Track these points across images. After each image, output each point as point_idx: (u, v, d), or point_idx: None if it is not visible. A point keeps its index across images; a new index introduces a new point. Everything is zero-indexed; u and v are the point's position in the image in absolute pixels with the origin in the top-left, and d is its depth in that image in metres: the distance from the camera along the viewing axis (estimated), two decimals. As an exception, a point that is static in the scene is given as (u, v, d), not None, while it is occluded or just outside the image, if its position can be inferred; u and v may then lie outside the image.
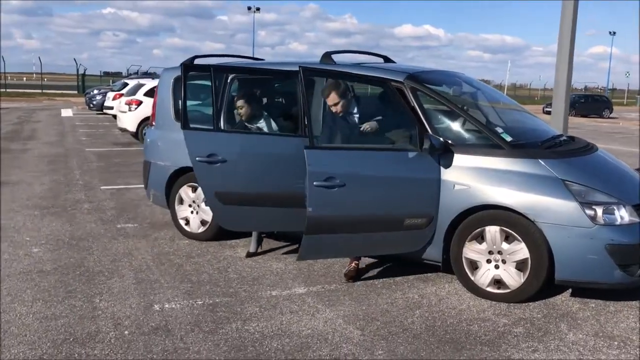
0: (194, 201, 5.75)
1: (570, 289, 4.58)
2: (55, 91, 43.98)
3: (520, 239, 4.24)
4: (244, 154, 4.77)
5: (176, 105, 5.88)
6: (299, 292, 4.48)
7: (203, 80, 6.26)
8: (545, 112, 29.23)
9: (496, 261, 4.37)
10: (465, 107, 4.85)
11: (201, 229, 5.73)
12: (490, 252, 4.38)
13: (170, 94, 5.91)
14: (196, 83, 6.37)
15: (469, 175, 4.40)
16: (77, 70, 45.49)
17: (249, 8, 59.22)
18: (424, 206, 4.47)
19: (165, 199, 5.92)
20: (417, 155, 4.41)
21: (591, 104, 36.88)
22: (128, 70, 48.52)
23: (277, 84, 5.92)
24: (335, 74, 4.76)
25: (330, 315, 4.07)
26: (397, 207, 4.43)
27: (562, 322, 4.05)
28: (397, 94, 4.62)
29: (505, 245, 4.32)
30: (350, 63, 5.37)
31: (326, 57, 5.13)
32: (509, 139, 4.47)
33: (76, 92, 43.26)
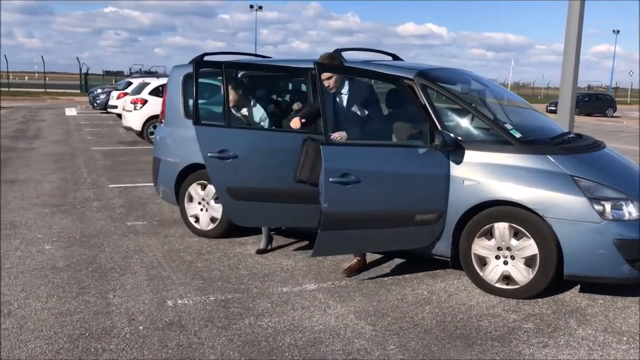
0: (203, 198, 5.79)
1: (578, 285, 4.61)
2: (58, 90, 44.07)
3: (529, 235, 4.27)
4: (255, 150, 4.81)
5: (186, 103, 5.93)
6: (310, 289, 4.53)
7: (210, 79, 6.32)
8: (548, 111, 29.23)
9: (505, 257, 4.40)
10: (474, 104, 4.88)
11: (211, 227, 5.77)
12: (499, 248, 4.42)
13: (180, 92, 5.96)
14: (203, 82, 6.41)
15: (478, 171, 4.43)
16: (80, 69, 45.64)
17: (252, 6, 59.32)
18: (434, 202, 4.51)
19: (175, 195, 5.97)
20: (428, 152, 4.45)
21: (595, 102, 36.84)
22: (130, 69, 48.59)
23: (287, 81, 5.96)
24: (348, 70, 4.80)
25: (341, 311, 4.11)
26: (409, 203, 4.47)
27: (571, 318, 4.08)
28: (408, 90, 4.66)
29: (514, 242, 4.35)
30: (359, 60, 5.41)
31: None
32: (518, 135, 4.50)
33: (79, 91, 43.37)
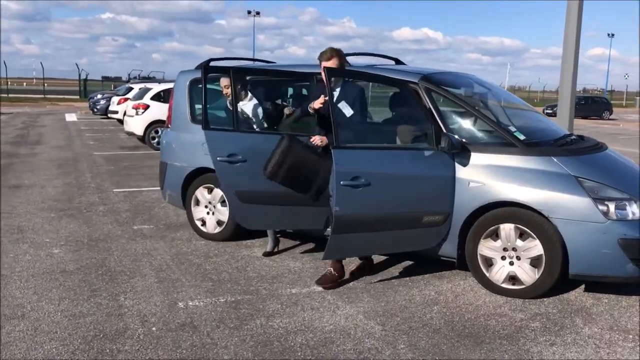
0: (210, 202, 5.84)
1: (583, 285, 4.68)
2: (57, 96, 44.09)
3: (534, 235, 4.33)
4: (263, 154, 4.85)
5: (192, 108, 5.99)
6: (318, 290, 4.58)
7: (216, 84, 6.38)
8: (545, 114, 29.33)
9: (511, 258, 4.47)
10: (478, 107, 4.95)
11: (217, 230, 5.82)
12: (504, 249, 4.48)
13: (186, 97, 6.02)
14: (209, 87, 6.47)
15: (484, 172, 4.50)
16: (79, 75, 45.70)
17: (249, 12, 59.54)
18: (441, 203, 4.57)
19: (182, 199, 6.02)
20: (435, 154, 4.52)
21: (591, 105, 37.01)
22: (129, 74, 48.66)
23: (294, 85, 6.04)
24: (356, 74, 4.88)
25: (350, 311, 4.17)
26: (417, 205, 4.53)
27: (577, 317, 4.14)
28: (413, 94, 4.73)
29: (519, 242, 4.41)
30: (364, 65, 5.48)
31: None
32: (522, 137, 4.58)
33: (78, 97, 43.39)
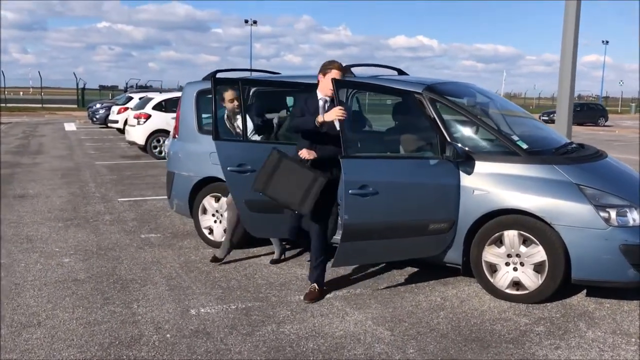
0: (217, 211, 5.94)
1: (585, 290, 4.78)
2: (55, 105, 44.15)
3: (537, 242, 4.44)
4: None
5: (199, 118, 6.09)
6: (327, 297, 4.67)
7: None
8: (541, 121, 29.50)
9: (514, 264, 4.57)
10: (481, 117, 5.07)
11: (224, 238, 5.90)
12: (508, 255, 4.58)
13: (193, 107, 6.12)
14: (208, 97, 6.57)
15: (488, 181, 4.61)
16: (77, 84, 45.79)
17: (246, 21, 59.80)
18: (446, 211, 4.67)
19: (189, 208, 6.11)
20: (440, 163, 4.63)
21: (587, 112, 37.25)
22: (127, 83, 48.83)
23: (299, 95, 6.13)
24: (362, 85, 5.00)
25: (359, 317, 4.26)
26: (423, 213, 4.64)
27: (581, 321, 4.25)
28: (418, 104, 4.86)
29: (523, 249, 4.52)
30: (368, 75, 5.60)
31: (346, 70, 5.35)
32: (524, 146, 4.70)
33: (76, 106, 43.45)
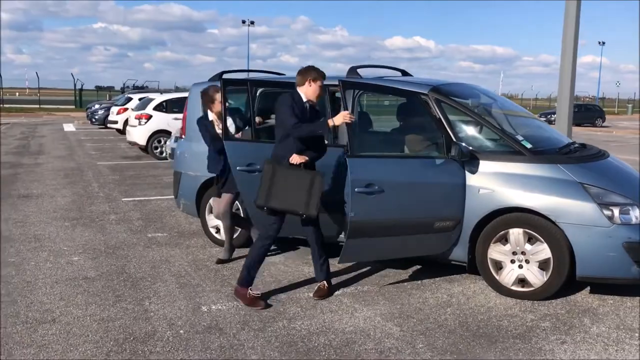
0: (224, 210, 5.99)
1: (588, 287, 4.87)
2: (53, 106, 44.11)
3: (542, 240, 4.53)
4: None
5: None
6: (335, 294, 4.74)
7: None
8: (540, 121, 29.60)
9: (520, 261, 4.65)
10: (486, 117, 5.16)
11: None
12: (514, 253, 4.66)
13: (200, 108, 6.17)
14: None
15: (493, 180, 4.69)
16: (75, 85, 45.81)
17: (244, 21, 59.80)
18: (451, 209, 4.75)
19: (196, 208, 6.17)
20: (445, 162, 4.72)
21: (584, 113, 37.38)
22: (124, 84, 48.81)
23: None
24: (369, 86, 5.09)
25: (368, 313, 4.34)
26: (428, 211, 4.72)
27: (585, 317, 4.33)
28: (424, 104, 4.94)
29: (528, 246, 4.60)
30: (372, 77, 5.68)
31: (352, 72, 5.44)
32: (529, 145, 4.78)
33: (74, 107, 43.43)
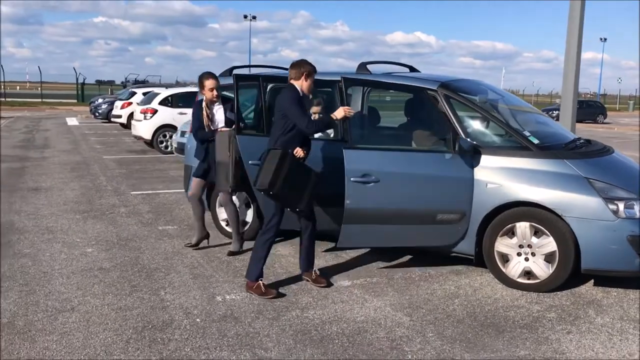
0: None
1: (592, 279, 4.98)
2: (55, 100, 44.19)
3: (548, 233, 4.64)
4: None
5: (217, 113, 6.24)
6: (345, 285, 4.86)
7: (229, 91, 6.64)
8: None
9: (526, 254, 4.76)
10: (493, 113, 5.25)
11: (242, 230, 6.08)
12: (520, 246, 4.78)
13: (211, 103, 6.27)
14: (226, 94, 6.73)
15: (500, 174, 4.80)
16: (77, 79, 45.87)
17: (245, 16, 59.77)
18: (455, 203, 4.88)
19: (207, 201, 6.27)
20: (446, 156, 4.87)
21: (585, 109, 37.39)
22: (126, 78, 48.94)
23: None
24: (377, 83, 5.20)
25: (378, 304, 4.45)
26: (429, 202, 4.90)
27: (590, 308, 4.44)
28: (432, 100, 5.05)
29: (534, 240, 4.71)
30: (381, 73, 5.78)
31: (362, 68, 5.54)
32: (536, 141, 4.89)
33: (76, 101, 43.51)
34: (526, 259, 4.77)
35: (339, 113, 4.51)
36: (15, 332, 3.82)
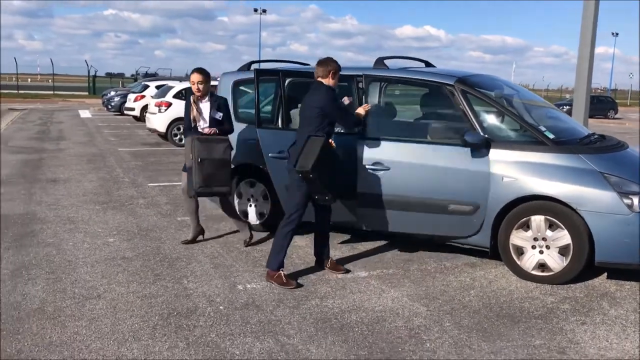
0: (252, 195, 6.23)
1: (606, 272, 5.06)
2: (67, 92, 44.50)
3: (563, 227, 4.72)
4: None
5: (235, 107, 6.36)
6: (362, 276, 4.97)
7: (246, 86, 6.74)
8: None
9: (540, 247, 4.85)
10: (509, 108, 5.33)
11: (259, 221, 6.21)
12: (535, 239, 4.86)
13: (229, 97, 6.38)
14: (244, 89, 6.84)
15: (516, 168, 4.88)
16: (88, 72, 46.17)
17: (256, 10, 59.88)
18: (468, 194, 4.99)
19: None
20: (458, 148, 5.00)
21: (597, 104, 37.19)
22: (137, 71, 49.23)
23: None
24: (395, 79, 5.31)
25: (395, 294, 4.56)
26: (440, 193, 5.09)
27: (603, 300, 4.53)
28: (449, 95, 5.14)
29: (549, 233, 4.80)
30: (397, 68, 5.86)
31: (379, 63, 5.63)
32: (551, 136, 4.96)
33: (87, 94, 43.80)
34: (541, 252, 4.85)
35: (361, 110, 5.14)
36: (45, 318, 3.96)
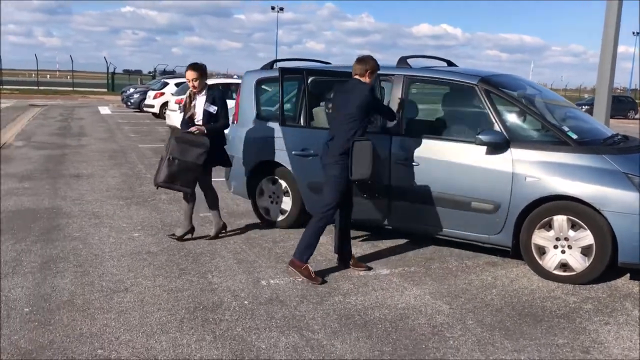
0: (273, 192, 6.30)
1: (628, 273, 5.05)
2: (86, 89, 45.01)
3: (585, 227, 4.72)
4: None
5: (257, 105, 6.44)
6: (384, 273, 5.01)
7: (268, 84, 6.81)
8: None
9: (563, 247, 4.85)
10: (532, 108, 5.33)
11: (280, 218, 6.28)
12: (557, 239, 4.86)
13: (252, 95, 6.45)
14: (265, 88, 6.91)
15: (539, 168, 4.89)
16: (107, 68, 46.68)
17: (273, 8, 60.12)
18: (489, 192, 5.03)
19: (246, 190, 6.47)
20: (481, 148, 5.03)
21: (617, 105, 36.63)
22: (155, 68, 49.66)
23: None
24: (419, 78, 5.36)
25: (417, 292, 4.59)
26: (463, 189, 5.16)
27: (626, 301, 4.53)
28: (472, 94, 5.17)
29: (571, 233, 4.80)
30: (419, 67, 5.89)
31: (402, 62, 5.67)
32: (575, 136, 4.96)
33: (106, 90, 44.25)
34: (563, 252, 4.86)
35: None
36: (75, 310, 4.06)
